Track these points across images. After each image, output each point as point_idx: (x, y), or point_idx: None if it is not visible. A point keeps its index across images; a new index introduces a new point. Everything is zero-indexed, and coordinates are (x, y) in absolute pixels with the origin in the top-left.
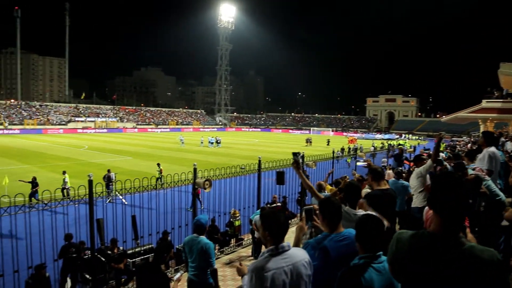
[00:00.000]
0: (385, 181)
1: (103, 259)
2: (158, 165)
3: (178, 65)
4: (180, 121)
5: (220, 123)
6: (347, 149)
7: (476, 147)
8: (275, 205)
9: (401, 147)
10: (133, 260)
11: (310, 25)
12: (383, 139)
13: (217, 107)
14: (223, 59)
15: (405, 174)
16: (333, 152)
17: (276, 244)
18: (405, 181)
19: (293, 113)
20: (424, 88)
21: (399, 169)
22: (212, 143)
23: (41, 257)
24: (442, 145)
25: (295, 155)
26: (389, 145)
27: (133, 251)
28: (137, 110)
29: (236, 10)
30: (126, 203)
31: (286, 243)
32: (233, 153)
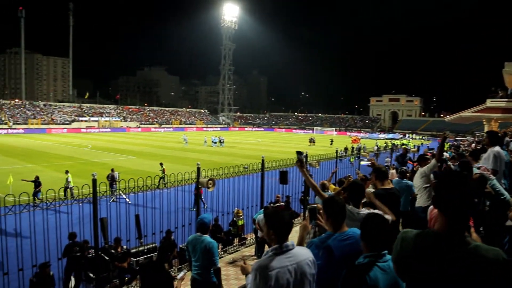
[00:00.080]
0: (389, 180)
1: (107, 258)
2: (161, 164)
3: (181, 64)
4: (183, 120)
5: (223, 122)
6: (350, 149)
7: (480, 147)
8: (278, 204)
9: (405, 147)
10: (137, 259)
11: (313, 25)
12: (387, 138)
13: (220, 106)
14: (226, 59)
15: (409, 173)
16: (336, 151)
17: (280, 243)
18: (409, 181)
19: (296, 113)
20: (428, 87)
21: (403, 168)
22: (215, 143)
23: (45, 256)
24: (446, 145)
25: (299, 154)
26: (392, 144)
27: (137, 250)
28: (140, 109)
29: (239, 9)
30: (129, 202)
31: (290, 242)
32: (236, 153)
